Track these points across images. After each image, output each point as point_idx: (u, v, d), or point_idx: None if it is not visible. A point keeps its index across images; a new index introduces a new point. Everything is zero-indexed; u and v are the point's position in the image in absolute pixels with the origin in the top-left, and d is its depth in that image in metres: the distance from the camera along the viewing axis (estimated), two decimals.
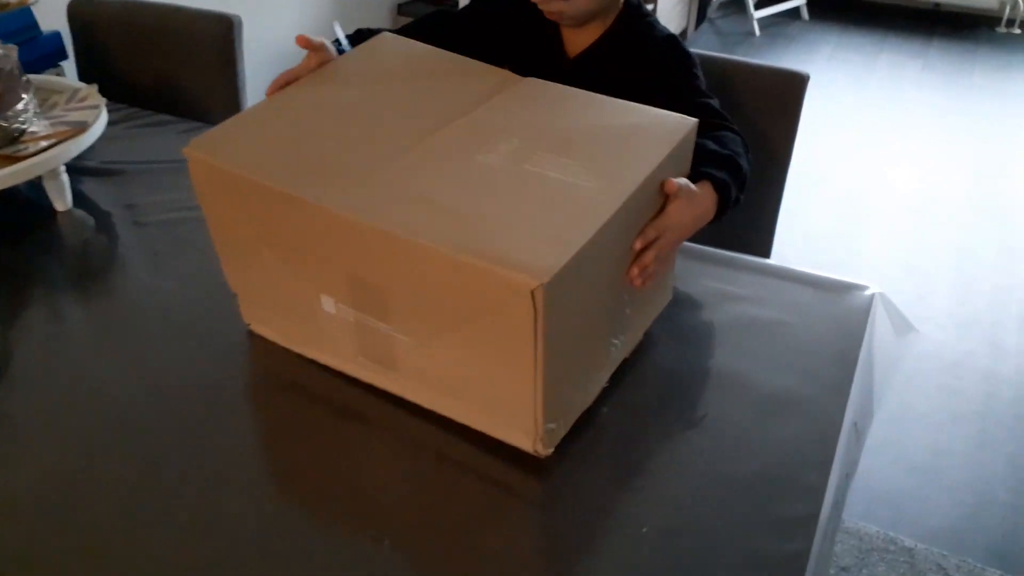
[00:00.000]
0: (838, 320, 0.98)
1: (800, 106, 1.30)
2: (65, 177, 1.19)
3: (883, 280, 2.33)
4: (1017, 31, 4.12)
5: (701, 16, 4.22)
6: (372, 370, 0.87)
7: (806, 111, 1.31)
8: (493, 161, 0.80)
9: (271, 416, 0.89)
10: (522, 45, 1.17)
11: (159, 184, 1.27)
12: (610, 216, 0.73)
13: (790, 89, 1.30)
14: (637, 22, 1.16)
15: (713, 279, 1.04)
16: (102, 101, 1.22)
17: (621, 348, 0.90)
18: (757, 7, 4.18)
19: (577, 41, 1.16)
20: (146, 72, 1.60)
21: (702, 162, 0.92)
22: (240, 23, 1.53)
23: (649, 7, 3.42)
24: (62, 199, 1.19)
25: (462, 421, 0.84)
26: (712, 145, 0.97)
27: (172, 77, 1.58)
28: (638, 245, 0.82)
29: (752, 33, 4.14)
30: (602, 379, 0.88)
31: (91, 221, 1.20)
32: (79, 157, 1.20)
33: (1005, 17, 4.17)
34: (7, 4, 1.44)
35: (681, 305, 1.00)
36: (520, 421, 0.77)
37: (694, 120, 0.86)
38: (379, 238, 0.73)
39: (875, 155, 3.09)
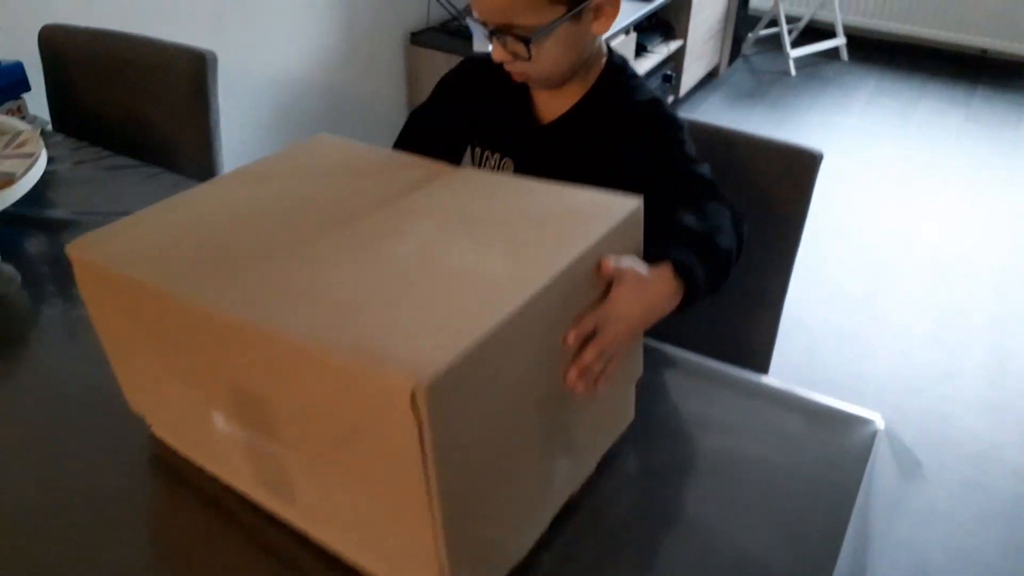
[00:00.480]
0: (833, 462, 0.83)
1: (812, 185, 1.16)
2: None
3: (907, 349, 2.19)
4: None
5: (735, 52, 4.07)
6: (272, 498, 0.75)
7: (839, 157, 1.17)
8: (402, 250, 0.70)
9: (172, 537, 0.77)
10: (493, 113, 1.07)
11: None
12: (521, 305, 0.60)
13: (802, 167, 1.15)
14: (619, 85, 1.04)
15: (693, 398, 0.91)
16: (40, 149, 1.12)
17: (566, 480, 0.77)
18: (794, 45, 4.03)
19: (552, 106, 1.04)
20: (115, 106, 1.50)
21: (670, 241, 0.79)
22: (215, 59, 1.43)
23: (676, 43, 3.31)
24: None
25: (365, 567, 0.71)
26: (689, 220, 0.84)
27: (142, 113, 1.48)
28: (571, 339, 0.68)
29: (787, 72, 3.98)
30: (542, 521, 0.75)
31: (18, 277, 1.10)
32: (25, 203, 1.10)
33: None
34: None
35: (648, 429, 0.86)
36: (423, 569, 0.64)
37: (638, 200, 0.74)
38: (254, 338, 0.62)
39: (908, 209, 2.92)
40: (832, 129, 3.47)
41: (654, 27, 3.27)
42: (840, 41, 4.14)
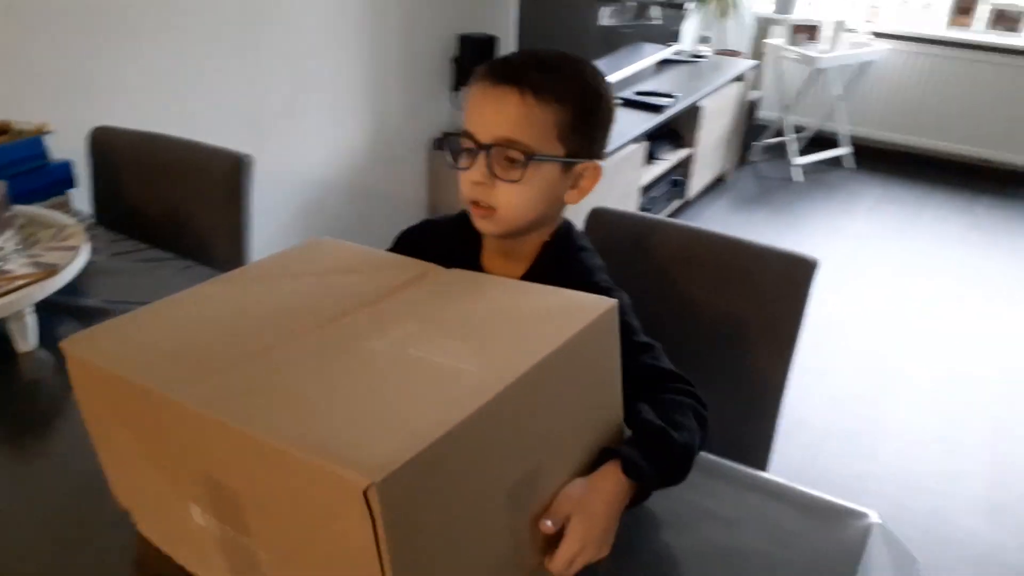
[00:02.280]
0: (827, 556, 0.86)
1: (808, 292, 1.22)
2: (31, 319, 1.15)
3: (909, 451, 2.20)
4: None
5: (743, 159, 4.22)
6: None
7: (844, 260, 1.22)
8: (378, 347, 0.72)
9: None
10: None
11: None
12: (484, 403, 0.62)
13: (797, 275, 1.22)
14: (567, 255, 1.04)
15: (691, 491, 0.94)
16: (85, 243, 1.20)
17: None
18: (801, 153, 4.18)
19: (501, 273, 1.00)
20: (156, 203, 1.60)
21: (636, 424, 0.82)
22: (250, 161, 1.53)
23: (685, 152, 3.44)
24: (24, 339, 1.16)
25: None
26: (646, 413, 0.84)
27: (180, 211, 1.58)
28: (548, 527, 0.72)
29: (793, 179, 4.11)
30: None
31: (52, 362, 1.16)
32: (62, 292, 1.17)
33: None
34: (21, 132, 1.46)
35: (645, 521, 0.90)
36: None
37: (612, 301, 0.76)
38: (225, 433, 0.64)
39: (910, 316, 2.96)
40: (837, 234, 3.56)
41: (664, 136, 3.41)
42: (846, 150, 4.29)
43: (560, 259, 1.03)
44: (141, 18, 1.84)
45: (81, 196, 1.65)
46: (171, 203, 1.60)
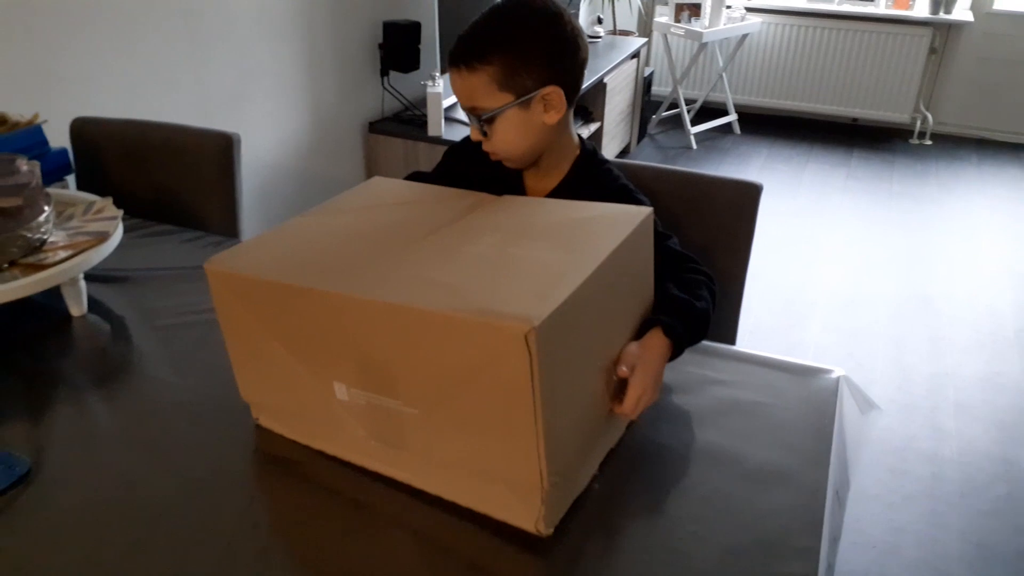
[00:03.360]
0: (810, 401, 1.10)
1: (756, 211, 1.46)
2: (83, 284, 1.25)
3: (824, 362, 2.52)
4: (928, 142, 4.53)
5: (642, 132, 4.53)
6: (381, 457, 0.94)
7: None
8: (479, 249, 0.91)
9: (284, 507, 0.93)
10: (490, 187, 1.21)
11: (169, 290, 1.34)
12: (588, 276, 0.82)
13: (747, 197, 1.46)
14: (594, 169, 1.26)
15: (694, 365, 1.16)
16: (119, 213, 1.30)
17: (611, 430, 0.99)
18: (693, 123, 4.51)
19: (537, 188, 1.26)
20: (146, 186, 1.68)
21: (658, 309, 1.03)
22: (239, 140, 1.65)
23: (595, 125, 3.70)
24: (79, 305, 1.25)
25: (465, 504, 0.90)
26: (672, 289, 1.05)
27: (172, 191, 1.67)
28: (623, 371, 0.93)
29: (690, 147, 4.44)
30: (596, 459, 0.96)
31: (106, 326, 1.26)
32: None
33: (916, 130, 4.58)
34: (17, 123, 1.52)
35: (665, 389, 1.10)
36: (523, 491, 0.83)
37: (649, 209, 0.98)
38: (383, 312, 0.80)
39: (808, 256, 3.33)
40: None
41: (576, 112, 3.65)
42: (732, 117, 4.66)
43: (588, 172, 1.25)
44: (79, 11, 1.88)
45: (71, 185, 1.71)
46: (162, 184, 1.69)
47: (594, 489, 0.94)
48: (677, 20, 4.39)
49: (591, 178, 1.25)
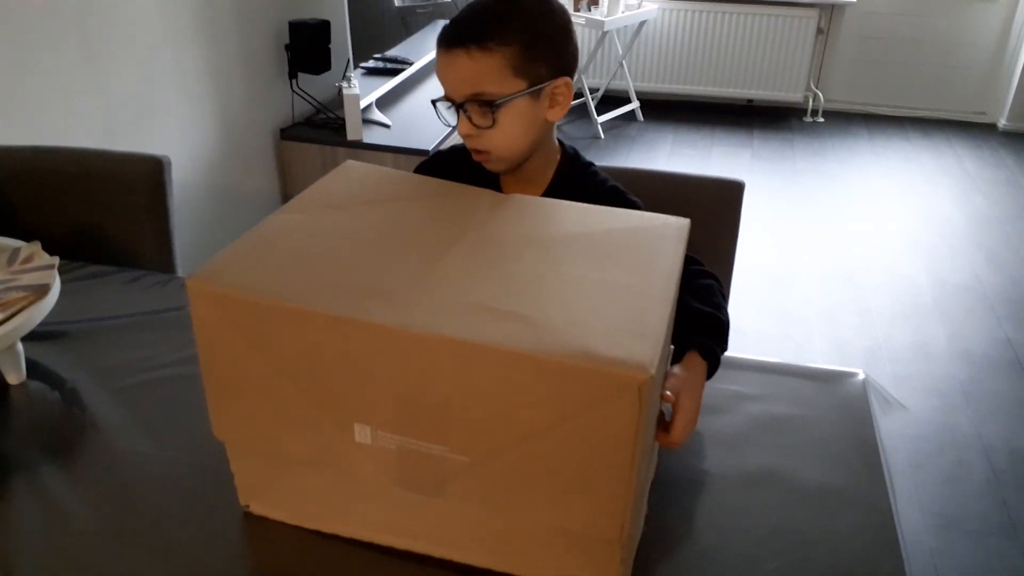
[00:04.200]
0: (843, 408, 1.06)
1: (740, 209, 1.42)
2: (20, 346, 1.07)
3: (764, 351, 2.55)
4: (821, 120, 4.70)
5: None
6: (407, 531, 0.83)
7: None
8: (527, 267, 0.78)
9: None
10: None
11: (122, 343, 1.17)
12: (671, 306, 0.74)
13: (729, 195, 1.42)
14: (580, 172, 1.17)
15: (721, 381, 1.10)
16: (54, 261, 1.13)
17: (651, 471, 0.92)
18: (597, 112, 4.51)
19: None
20: (63, 222, 1.48)
21: (688, 327, 0.96)
22: (170, 163, 1.47)
23: None
24: (17, 371, 1.07)
25: (520, 573, 0.80)
26: (693, 303, 1.00)
27: (94, 225, 1.48)
28: (669, 396, 0.87)
29: (598, 136, 4.44)
30: (645, 505, 0.89)
31: (54, 393, 1.09)
32: None
33: (809, 108, 4.75)
34: None
35: (700, 410, 1.05)
36: (601, 549, 0.75)
37: (686, 220, 0.90)
38: (444, 349, 0.68)
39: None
40: None
41: None
42: (635, 104, 4.69)
43: (574, 177, 1.15)
44: None
45: None
46: (82, 219, 1.49)
47: (643, 530, 0.87)
48: (576, 9, 4.36)
49: (578, 182, 1.16)
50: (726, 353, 1.08)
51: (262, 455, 0.86)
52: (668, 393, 0.87)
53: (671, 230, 0.88)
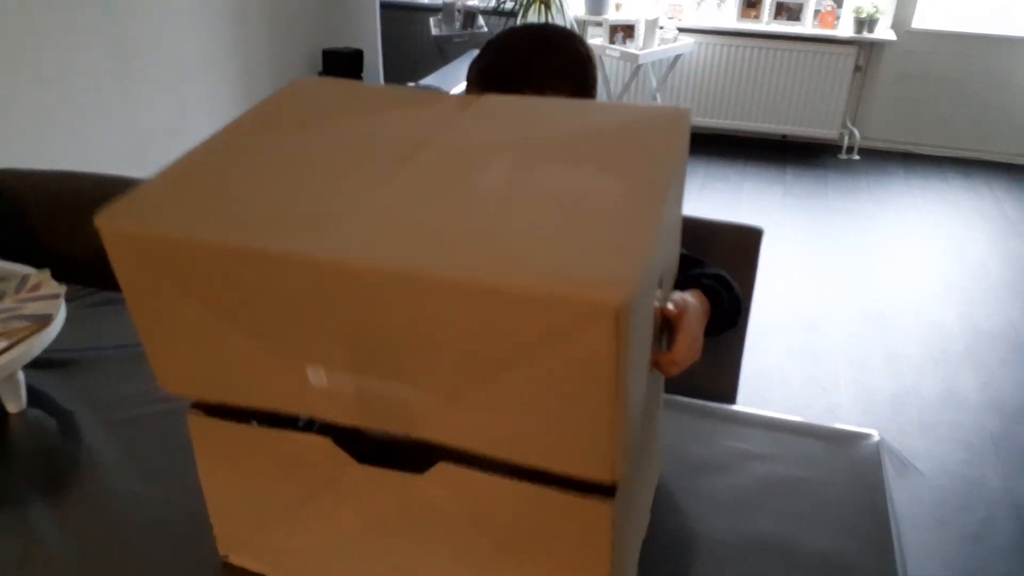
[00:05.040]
0: (854, 472, 1.02)
1: (758, 255, 1.39)
2: (21, 375, 1.08)
3: (789, 393, 2.49)
4: (856, 157, 4.63)
5: None
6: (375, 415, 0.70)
7: None
8: (493, 179, 0.67)
9: None
10: None
11: (123, 375, 1.17)
12: (661, 219, 0.62)
13: (747, 241, 1.38)
14: None
15: (727, 437, 1.07)
16: (61, 290, 1.13)
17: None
18: None
19: None
20: (84, 246, 1.49)
21: (692, 279, 0.98)
22: None
23: None
24: (17, 400, 1.07)
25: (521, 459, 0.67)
26: (700, 272, 1.03)
27: None
28: (669, 310, 0.82)
29: None
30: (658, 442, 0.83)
31: (51, 421, 1.09)
32: None
33: (845, 145, 4.68)
34: None
35: (704, 468, 1.01)
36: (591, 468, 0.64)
37: (685, 108, 0.78)
38: (391, 281, 0.59)
39: (761, 278, 3.31)
40: None
41: None
42: None
43: None
44: (10, 54, 1.70)
45: None
46: (101, 245, 1.50)
47: None
48: (612, 42, 4.36)
49: None
50: (735, 406, 1.06)
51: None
52: (670, 306, 0.82)
53: (664, 123, 0.74)
